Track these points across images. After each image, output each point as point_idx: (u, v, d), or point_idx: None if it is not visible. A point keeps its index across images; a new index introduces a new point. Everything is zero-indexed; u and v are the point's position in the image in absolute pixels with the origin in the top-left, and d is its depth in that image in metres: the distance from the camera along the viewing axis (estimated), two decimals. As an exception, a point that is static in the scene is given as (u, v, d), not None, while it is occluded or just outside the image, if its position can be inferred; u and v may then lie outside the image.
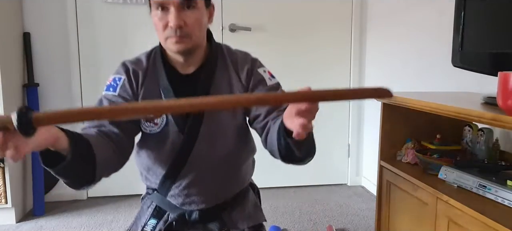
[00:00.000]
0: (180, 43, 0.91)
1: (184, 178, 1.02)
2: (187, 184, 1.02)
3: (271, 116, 0.98)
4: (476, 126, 1.47)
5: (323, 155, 2.79)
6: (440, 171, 1.32)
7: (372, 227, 2.14)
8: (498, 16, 1.25)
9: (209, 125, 0.99)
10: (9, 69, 2.16)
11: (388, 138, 1.60)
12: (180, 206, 1.05)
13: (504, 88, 0.93)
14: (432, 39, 1.98)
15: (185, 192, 1.03)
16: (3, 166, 2.10)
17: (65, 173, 0.76)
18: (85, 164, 0.80)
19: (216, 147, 1.01)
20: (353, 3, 2.66)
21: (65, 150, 0.73)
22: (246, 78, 1.02)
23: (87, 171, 0.81)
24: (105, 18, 2.45)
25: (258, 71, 1.03)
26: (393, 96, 0.63)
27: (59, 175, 0.75)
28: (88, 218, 2.26)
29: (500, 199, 1.09)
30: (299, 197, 2.58)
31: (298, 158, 0.88)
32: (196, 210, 1.04)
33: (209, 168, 1.02)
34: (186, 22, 0.90)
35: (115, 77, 1.01)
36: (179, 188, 1.03)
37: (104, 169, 0.86)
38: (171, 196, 1.05)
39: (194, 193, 1.03)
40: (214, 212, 1.06)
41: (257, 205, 1.16)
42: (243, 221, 1.08)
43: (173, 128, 0.99)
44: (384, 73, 2.50)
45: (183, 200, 1.04)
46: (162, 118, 0.98)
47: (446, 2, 1.80)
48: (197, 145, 0.99)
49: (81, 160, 0.77)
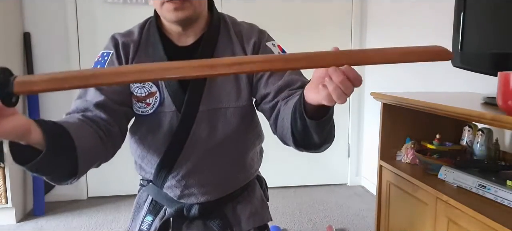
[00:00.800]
0: (180, 10, 0.81)
1: (181, 167, 0.90)
2: (185, 173, 0.90)
3: (282, 95, 0.86)
4: (476, 126, 1.47)
5: (323, 155, 2.79)
6: (440, 171, 1.32)
7: (372, 227, 2.14)
8: (498, 16, 1.25)
9: (209, 103, 0.88)
10: (9, 69, 2.16)
11: (388, 138, 1.60)
12: (178, 199, 0.93)
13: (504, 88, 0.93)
14: (432, 39, 1.98)
15: (183, 182, 0.91)
16: (3, 166, 2.10)
17: (41, 169, 0.64)
18: (65, 157, 0.68)
19: (217, 129, 0.89)
20: (353, 3, 2.66)
21: (39, 144, 0.61)
22: (252, 52, 0.90)
23: (68, 164, 0.69)
24: (105, 18, 2.45)
25: (267, 45, 0.91)
26: (452, 57, 0.56)
27: (36, 172, 0.64)
28: (88, 218, 2.26)
29: (499, 199, 1.09)
30: (299, 197, 2.58)
31: (315, 143, 0.76)
32: (196, 204, 0.93)
33: (209, 154, 0.90)
34: None
35: (104, 52, 0.91)
36: (176, 178, 0.91)
37: (89, 159, 0.74)
38: (168, 188, 0.93)
39: (193, 183, 0.91)
40: (216, 207, 0.94)
41: (264, 202, 1.04)
42: (248, 219, 0.96)
43: (169, 108, 0.88)
44: (384, 73, 2.50)
45: (181, 192, 0.92)
46: (155, 97, 0.88)
47: (446, 2, 1.80)
48: (195, 127, 0.88)
49: (60, 152, 0.65)
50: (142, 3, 2.43)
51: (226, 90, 0.89)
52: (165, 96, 0.88)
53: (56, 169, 0.68)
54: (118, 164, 1.16)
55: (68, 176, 0.71)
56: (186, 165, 0.90)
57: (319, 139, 0.74)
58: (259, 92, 0.90)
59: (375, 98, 1.58)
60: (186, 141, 0.88)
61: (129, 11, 2.45)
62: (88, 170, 0.75)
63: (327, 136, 0.76)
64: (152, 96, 0.87)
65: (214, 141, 0.89)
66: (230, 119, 0.90)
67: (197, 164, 0.90)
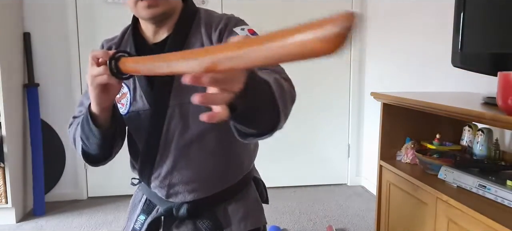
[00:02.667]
0: (154, 7, 0.81)
1: (161, 166, 0.88)
2: (167, 173, 0.88)
3: None
4: (476, 126, 1.47)
5: (323, 155, 2.79)
6: (440, 171, 1.32)
7: (372, 227, 2.14)
8: (498, 16, 1.25)
9: (179, 98, 0.85)
10: (9, 69, 2.16)
11: (388, 138, 1.60)
12: (167, 199, 0.91)
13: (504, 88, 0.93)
14: (432, 39, 1.98)
15: (166, 182, 0.89)
16: (3, 166, 2.10)
17: (104, 137, 0.79)
18: (113, 136, 0.82)
19: (190, 124, 0.86)
20: (353, 3, 2.66)
21: (107, 120, 0.78)
22: (217, 40, 0.85)
23: (112, 142, 0.83)
24: (105, 18, 2.45)
25: (234, 30, 0.84)
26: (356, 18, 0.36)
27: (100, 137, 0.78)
28: (88, 218, 2.26)
29: (500, 199, 1.09)
30: (299, 197, 2.58)
31: (256, 133, 0.66)
32: (185, 203, 0.90)
33: (187, 150, 0.87)
34: None
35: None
36: (158, 179, 0.89)
37: (117, 142, 0.86)
38: (154, 188, 0.92)
39: (177, 182, 0.89)
40: (206, 206, 0.91)
41: (258, 203, 0.99)
42: (239, 221, 0.92)
43: (143, 107, 0.87)
44: (384, 73, 2.50)
45: (167, 191, 0.90)
46: (126, 97, 0.87)
47: (446, 2, 1.80)
48: (167, 124, 0.85)
49: (113, 130, 0.81)
50: (142, 3, 2.44)
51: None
52: (137, 96, 0.87)
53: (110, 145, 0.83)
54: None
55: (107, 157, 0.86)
56: (166, 163, 0.88)
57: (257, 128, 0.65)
58: None
59: (375, 98, 1.59)
60: (160, 139, 0.86)
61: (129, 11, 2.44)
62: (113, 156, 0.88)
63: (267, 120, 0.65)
64: (124, 97, 0.88)
65: (189, 137, 0.86)
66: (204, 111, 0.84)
67: (176, 161, 0.88)
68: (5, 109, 2.08)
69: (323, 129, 2.77)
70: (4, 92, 2.08)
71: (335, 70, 2.71)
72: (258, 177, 1.04)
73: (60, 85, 2.45)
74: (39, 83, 2.38)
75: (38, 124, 2.34)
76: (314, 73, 2.69)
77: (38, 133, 2.34)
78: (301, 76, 2.65)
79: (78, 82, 2.46)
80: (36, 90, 2.36)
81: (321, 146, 2.78)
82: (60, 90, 2.45)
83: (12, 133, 2.18)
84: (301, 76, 2.66)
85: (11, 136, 2.15)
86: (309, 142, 2.74)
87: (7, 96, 2.10)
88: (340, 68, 2.72)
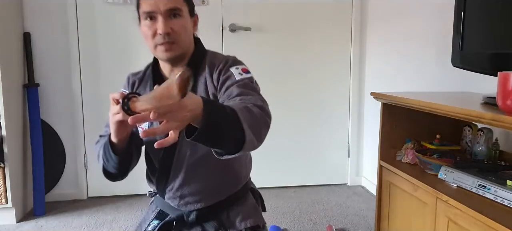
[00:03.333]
0: (169, 51, 0.99)
1: (174, 181, 1.08)
2: (179, 186, 1.07)
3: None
4: (476, 126, 1.47)
5: (323, 155, 2.79)
6: (440, 171, 1.32)
7: (372, 227, 2.14)
8: (498, 16, 1.25)
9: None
10: (9, 69, 2.16)
11: (388, 138, 1.60)
12: (178, 208, 1.10)
13: (504, 88, 0.93)
14: (432, 39, 1.98)
15: (178, 193, 1.08)
16: (3, 166, 2.10)
17: (120, 162, 0.96)
18: (130, 159, 1.00)
19: (197, 147, 1.03)
20: (353, 3, 2.66)
21: (123, 147, 0.94)
22: (217, 78, 1.03)
23: (128, 165, 1.01)
24: (105, 18, 2.45)
25: (230, 70, 1.02)
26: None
27: (117, 162, 0.95)
28: (88, 218, 2.26)
29: (499, 199, 1.09)
30: (299, 197, 2.58)
31: (222, 153, 0.82)
32: (194, 211, 1.09)
33: (195, 168, 1.06)
34: (173, 29, 0.98)
35: (122, 90, 1.13)
36: (172, 191, 1.09)
37: (132, 163, 1.03)
38: (168, 199, 1.11)
39: (187, 194, 1.08)
40: (211, 213, 1.09)
41: (256, 208, 1.17)
42: (241, 221, 1.10)
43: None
44: (384, 73, 2.50)
45: (179, 201, 1.09)
46: (146, 122, 1.02)
47: (446, 2, 1.80)
48: (179, 148, 1.05)
49: (130, 154, 0.99)
50: (142, 3, 2.43)
51: None
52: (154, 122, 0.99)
53: (125, 165, 0.99)
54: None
55: (123, 174, 1.02)
56: (178, 178, 1.07)
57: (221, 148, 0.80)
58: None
59: (375, 98, 1.59)
60: (173, 159, 1.06)
61: (129, 11, 2.45)
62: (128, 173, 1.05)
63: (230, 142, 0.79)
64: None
65: (197, 157, 1.05)
66: None
67: (186, 177, 1.07)
68: (5, 109, 2.08)
69: (323, 129, 2.77)
70: (4, 92, 2.08)
71: (335, 70, 2.71)
72: (254, 188, 1.23)
73: (60, 85, 2.45)
74: (39, 83, 2.38)
75: (38, 124, 2.34)
76: (314, 73, 2.69)
77: (38, 133, 2.34)
78: (301, 77, 2.67)
79: (78, 83, 2.46)
80: (36, 90, 2.36)
81: (321, 146, 2.78)
82: (60, 90, 2.45)
83: (12, 133, 2.18)
84: (301, 76, 2.67)
85: (11, 136, 2.15)
86: (309, 142, 2.74)
87: (7, 96, 2.10)
88: (340, 68, 2.72)
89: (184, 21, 1.01)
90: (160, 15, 0.97)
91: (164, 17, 0.97)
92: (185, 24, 1.01)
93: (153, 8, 0.97)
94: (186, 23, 1.01)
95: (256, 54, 2.59)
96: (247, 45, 2.59)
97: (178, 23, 0.99)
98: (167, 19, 0.98)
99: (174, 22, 0.99)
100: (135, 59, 2.47)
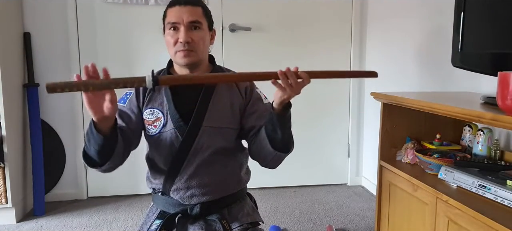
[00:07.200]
0: (188, 57, 1.11)
1: (186, 171, 1.15)
2: (188, 177, 1.15)
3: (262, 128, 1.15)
4: (476, 126, 1.47)
5: (323, 155, 2.79)
6: (440, 171, 1.32)
7: (372, 227, 2.14)
8: (498, 16, 1.25)
9: (211, 121, 1.14)
10: (9, 69, 2.16)
11: (388, 138, 1.60)
12: (183, 201, 1.16)
13: (504, 88, 0.93)
14: (432, 39, 1.98)
15: (187, 184, 1.15)
16: (3, 165, 2.10)
17: (102, 146, 0.99)
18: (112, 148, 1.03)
19: (214, 141, 1.15)
20: (353, 3, 2.66)
21: (108, 129, 0.98)
22: (245, 94, 1.21)
23: (109, 152, 1.03)
24: (105, 18, 2.45)
25: (256, 91, 1.23)
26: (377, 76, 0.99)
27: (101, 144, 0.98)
28: (88, 218, 2.26)
29: (499, 199, 1.09)
30: (299, 197, 2.58)
31: (280, 140, 1.06)
32: (198, 204, 1.16)
33: (208, 160, 1.15)
34: (193, 38, 1.11)
35: (127, 91, 1.19)
36: (181, 182, 1.15)
37: (115, 156, 1.05)
38: (174, 191, 1.16)
39: (195, 185, 1.15)
40: (215, 207, 1.17)
41: (254, 209, 1.29)
42: (241, 217, 1.20)
43: (169, 128, 1.14)
44: (384, 73, 2.50)
45: (185, 193, 1.15)
46: (160, 121, 1.15)
47: (446, 2, 1.80)
48: (199, 138, 1.13)
49: (112, 142, 1.02)
50: (142, 4, 2.43)
51: (224, 113, 1.17)
52: (168, 120, 1.15)
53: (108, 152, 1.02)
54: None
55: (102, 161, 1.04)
56: (189, 169, 1.15)
57: (282, 135, 1.06)
58: (249, 123, 1.19)
59: (375, 98, 1.59)
60: (191, 149, 1.13)
61: (129, 11, 2.45)
62: (106, 166, 1.06)
63: (288, 137, 1.09)
64: (158, 120, 1.15)
65: (212, 150, 1.15)
66: (225, 135, 1.18)
67: (198, 168, 1.15)
68: (5, 109, 2.08)
69: (323, 129, 2.77)
70: (4, 92, 2.07)
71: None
72: (250, 193, 1.33)
73: (60, 85, 2.44)
74: (39, 83, 2.38)
75: (38, 124, 2.34)
76: (314, 73, 2.68)
77: (38, 133, 2.34)
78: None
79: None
80: (36, 90, 2.36)
81: (321, 146, 2.78)
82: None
83: (12, 133, 2.18)
84: (301, 76, 2.67)
85: (11, 136, 2.15)
86: (309, 142, 2.74)
87: (7, 96, 2.10)
88: (340, 68, 2.71)
89: (203, 33, 1.14)
90: (183, 26, 1.10)
91: (186, 28, 1.10)
92: (203, 36, 1.14)
93: (178, 20, 1.10)
94: (204, 35, 1.15)
95: (256, 54, 2.59)
96: (247, 45, 2.59)
97: (198, 34, 1.12)
98: (188, 30, 1.11)
99: (194, 33, 1.12)
100: (135, 59, 2.47)
